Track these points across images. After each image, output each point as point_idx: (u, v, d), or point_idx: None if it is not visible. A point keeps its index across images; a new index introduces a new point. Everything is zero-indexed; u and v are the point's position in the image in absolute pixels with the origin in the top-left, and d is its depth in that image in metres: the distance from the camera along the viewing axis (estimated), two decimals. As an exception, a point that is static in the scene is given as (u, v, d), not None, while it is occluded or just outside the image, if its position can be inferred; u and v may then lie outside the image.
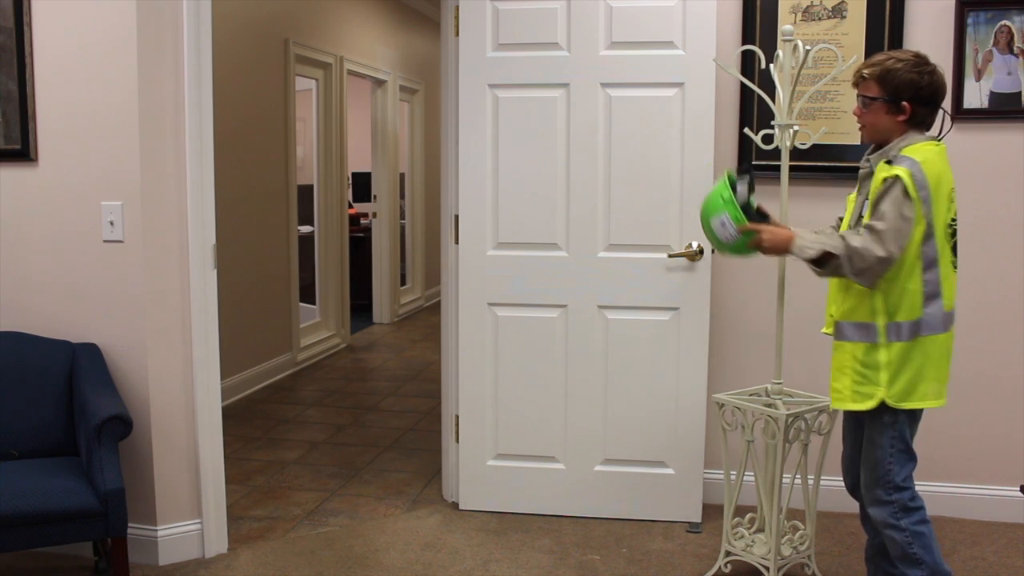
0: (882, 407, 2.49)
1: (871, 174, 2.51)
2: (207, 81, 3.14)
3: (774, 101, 2.95)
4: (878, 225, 2.38)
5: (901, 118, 2.50)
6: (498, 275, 3.54)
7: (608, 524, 3.54)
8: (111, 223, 3.09)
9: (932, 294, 2.44)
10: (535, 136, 3.48)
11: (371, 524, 3.58)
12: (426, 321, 8.36)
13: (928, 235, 2.41)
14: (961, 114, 3.44)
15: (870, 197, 2.46)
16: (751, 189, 2.66)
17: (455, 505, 3.72)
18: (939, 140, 2.54)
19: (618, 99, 3.41)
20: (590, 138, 3.44)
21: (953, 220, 2.50)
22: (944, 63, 3.42)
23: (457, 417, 3.68)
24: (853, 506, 3.64)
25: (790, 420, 2.85)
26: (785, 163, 2.96)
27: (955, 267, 2.52)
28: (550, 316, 3.54)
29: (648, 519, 3.57)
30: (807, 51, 2.83)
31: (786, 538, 3.06)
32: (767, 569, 2.94)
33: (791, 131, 2.92)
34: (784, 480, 2.98)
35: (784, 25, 3.26)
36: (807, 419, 2.91)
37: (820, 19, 3.47)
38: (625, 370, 3.51)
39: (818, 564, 3.15)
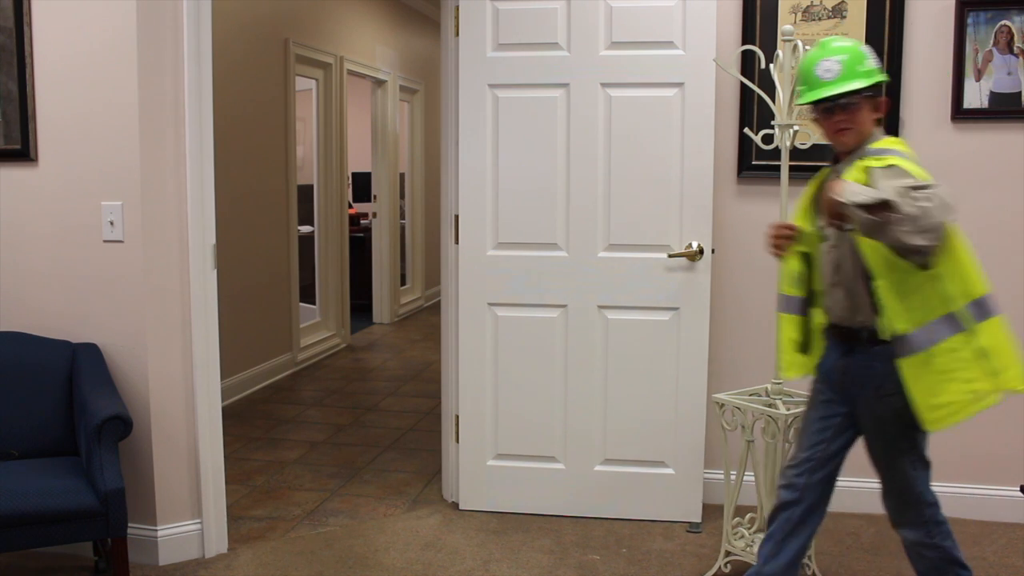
0: (905, 413, 2.26)
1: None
2: (207, 81, 3.14)
3: (774, 101, 2.95)
4: (931, 182, 2.08)
5: (879, 115, 2.38)
6: (498, 275, 3.54)
7: (608, 524, 3.54)
8: (111, 223, 3.09)
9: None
10: (535, 136, 3.48)
11: (371, 524, 3.58)
12: (426, 321, 8.36)
13: None
14: (961, 114, 3.44)
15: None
16: None
17: (455, 505, 3.72)
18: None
19: (618, 99, 3.41)
20: (590, 138, 3.44)
21: None
22: (944, 63, 3.43)
23: (457, 417, 3.68)
24: (853, 506, 3.66)
25: (790, 420, 2.85)
26: (785, 163, 2.96)
27: None
28: (550, 316, 3.54)
29: (648, 519, 3.57)
30: (807, 51, 2.83)
31: (786, 538, 3.06)
32: (767, 569, 2.94)
33: (791, 131, 2.93)
34: (784, 480, 2.98)
35: (784, 25, 3.26)
36: (807, 419, 2.91)
37: (820, 19, 3.47)
38: (625, 370, 3.51)
39: (818, 564, 3.15)
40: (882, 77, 2.37)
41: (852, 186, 2.11)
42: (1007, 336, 2.26)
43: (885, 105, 2.40)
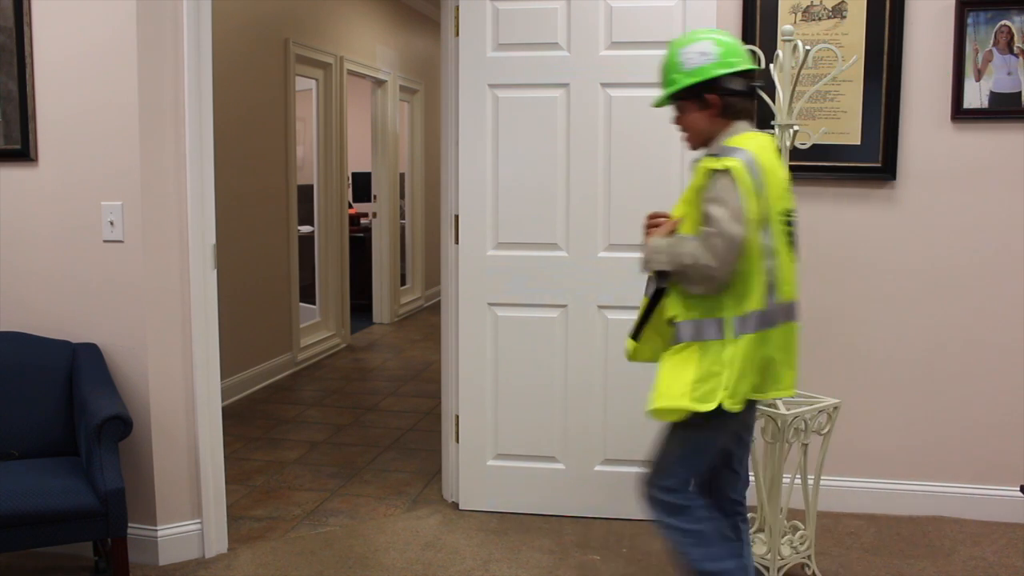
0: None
1: None
2: (207, 81, 3.14)
3: (774, 101, 2.95)
4: (710, 231, 2.22)
5: (713, 112, 2.37)
6: (498, 275, 3.54)
7: (608, 524, 3.54)
8: (111, 223, 3.09)
9: (770, 285, 2.30)
10: (535, 136, 3.48)
11: (371, 524, 3.58)
12: (426, 321, 8.36)
13: (763, 224, 2.27)
14: (961, 114, 3.44)
15: (692, 194, 2.33)
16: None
17: (455, 505, 3.72)
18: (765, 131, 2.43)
19: (618, 99, 3.41)
20: (590, 138, 3.44)
21: (788, 212, 2.37)
22: (944, 63, 3.43)
23: (457, 417, 3.68)
24: (853, 506, 3.66)
25: (790, 420, 2.85)
26: (785, 163, 2.96)
27: (793, 260, 2.40)
28: (550, 316, 3.54)
29: (648, 519, 3.56)
30: (807, 51, 2.83)
31: (786, 538, 3.06)
32: (767, 569, 2.94)
33: (791, 131, 2.93)
34: (784, 480, 2.98)
35: (784, 25, 3.26)
36: (807, 419, 2.91)
37: (820, 19, 3.47)
38: (625, 370, 3.50)
39: (818, 564, 3.15)
40: (694, 79, 2.34)
41: (650, 246, 2.38)
42: (747, 357, 2.29)
43: (718, 102, 2.35)
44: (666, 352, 2.39)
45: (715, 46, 2.36)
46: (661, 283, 2.40)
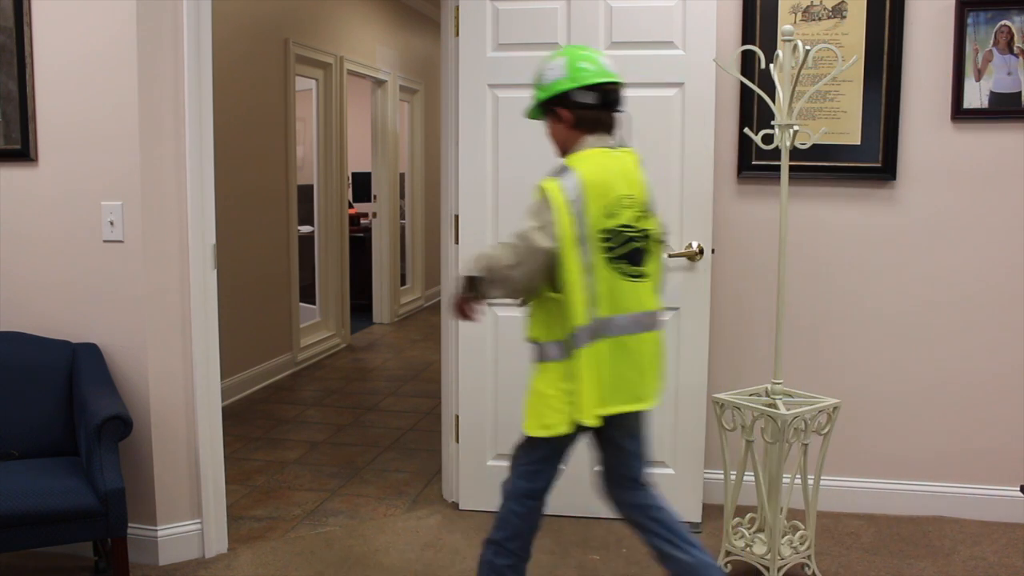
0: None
1: None
2: (207, 81, 3.14)
3: (774, 101, 2.95)
4: (512, 238, 2.36)
5: (567, 125, 2.45)
6: (498, 275, 3.54)
7: (608, 524, 3.54)
8: (111, 223, 3.09)
9: (591, 301, 2.34)
10: (535, 136, 3.46)
11: (371, 524, 3.58)
12: (426, 321, 8.36)
13: (580, 242, 2.32)
14: (961, 114, 3.44)
15: None
16: None
17: (455, 505, 3.72)
18: (618, 146, 2.47)
19: (618, 99, 3.41)
20: (590, 138, 3.44)
21: (626, 227, 2.39)
22: (944, 63, 3.43)
23: (457, 417, 3.68)
24: (853, 506, 3.66)
25: (790, 420, 2.85)
26: (785, 163, 2.96)
27: (632, 276, 2.40)
28: (550, 316, 3.54)
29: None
30: (807, 51, 2.83)
31: (786, 538, 3.06)
32: (767, 569, 2.94)
33: (791, 131, 2.92)
34: (784, 480, 2.98)
35: (784, 25, 3.26)
36: (807, 419, 2.91)
37: (820, 19, 3.47)
38: (625, 370, 3.50)
39: (818, 564, 3.15)
40: (546, 94, 2.47)
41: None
42: (591, 368, 2.37)
43: (568, 116, 2.44)
44: (536, 372, 2.47)
45: (568, 61, 2.45)
46: (471, 292, 2.46)
